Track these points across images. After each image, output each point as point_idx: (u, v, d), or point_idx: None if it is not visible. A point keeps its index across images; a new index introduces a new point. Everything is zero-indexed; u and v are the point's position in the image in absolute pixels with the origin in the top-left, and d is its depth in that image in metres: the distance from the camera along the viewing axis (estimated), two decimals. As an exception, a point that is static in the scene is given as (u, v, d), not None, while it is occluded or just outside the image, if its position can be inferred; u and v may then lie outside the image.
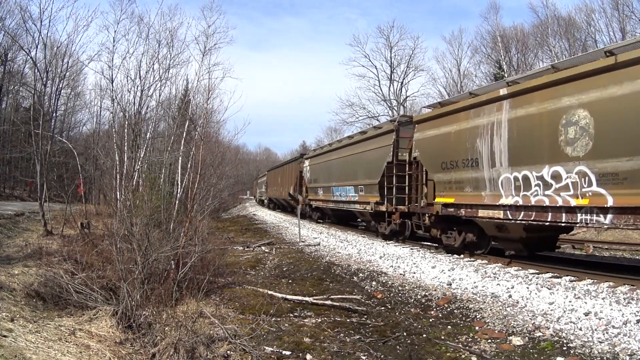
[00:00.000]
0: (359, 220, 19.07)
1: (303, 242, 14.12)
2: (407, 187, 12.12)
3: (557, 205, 7.11)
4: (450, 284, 7.59)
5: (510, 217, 8.08)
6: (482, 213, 8.82)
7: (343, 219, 19.37)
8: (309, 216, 22.80)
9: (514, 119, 7.97)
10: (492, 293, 6.79)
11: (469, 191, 9.17)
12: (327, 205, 19.10)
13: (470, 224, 9.54)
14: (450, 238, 10.20)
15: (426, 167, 10.82)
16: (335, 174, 17.51)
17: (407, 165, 12.06)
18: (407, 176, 12.09)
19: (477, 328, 5.47)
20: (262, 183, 45.10)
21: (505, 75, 28.21)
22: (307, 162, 22.25)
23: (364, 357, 4.66)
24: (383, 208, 12.96)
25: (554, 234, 9.02)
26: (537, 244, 8.86)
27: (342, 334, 5.38)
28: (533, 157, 7.60)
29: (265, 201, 41.09)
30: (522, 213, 7.82)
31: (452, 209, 9.67)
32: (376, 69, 38.80)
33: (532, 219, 7.63)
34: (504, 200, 8.21)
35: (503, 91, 8.28)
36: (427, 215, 10.87)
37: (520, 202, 7.82)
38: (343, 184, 16.51)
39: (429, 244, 11.77)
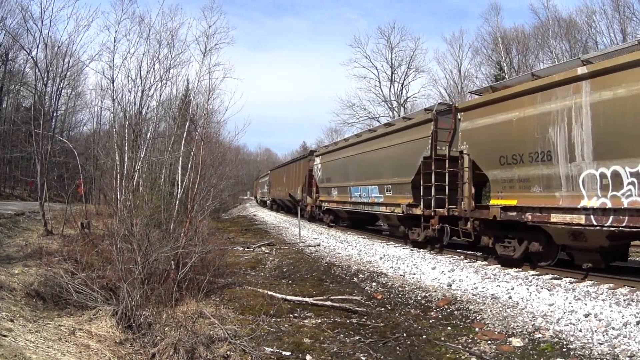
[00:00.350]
0: (377, 223, 18.01)
1: (303, 242, 14.12)
2: (446, 187, 10.46)
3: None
4: (450, 285, 7.59)
5: (596, 223, 6.66)
6: (555, 218, 7.31)
7: (360, 222, 17.83)
8: (319, 219, 20.92)
9: (598, 102, 6.66)
10: (492, 294, 6.79)
11: (537, 191, 7.68)
12: (342, 207, 17.18)
13: (535, 231, 7.96)
14: (509, 248, 8.54)
15: (478, 163, 9.17)
16: (354, 172, 15.60)
17: (446, 161, 10.43)
18: (446, 174, 10.41)
19: (477, 329, 5.47)
20: (264, 183, 42.81)
21: (506, 76, 28.23)
22: (317, 160, 20.16)
23: (363, 358, 4.66)
24: (417, 211, 11.18)
25: (627, 242, 7.77)
26: (612, 253, 7.53)
27: (342, 335, 5.38)
28: (625, 148, 6.29)
29: (268, 202, 39.20)
30: (612, 218, 6.45)
31: (513, 213, 8.07)
32: (377, 69, 38.82)
33: (623, 224, 6.29)
34: (586, 202, 6.81)
35: (581, 70, 6.95)
36: (473, 220, 9.33)
37: (609, 205, 6.45)
38: (364, 184, 14.66)
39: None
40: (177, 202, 11.73)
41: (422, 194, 10.96)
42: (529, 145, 7.77)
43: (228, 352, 4.46)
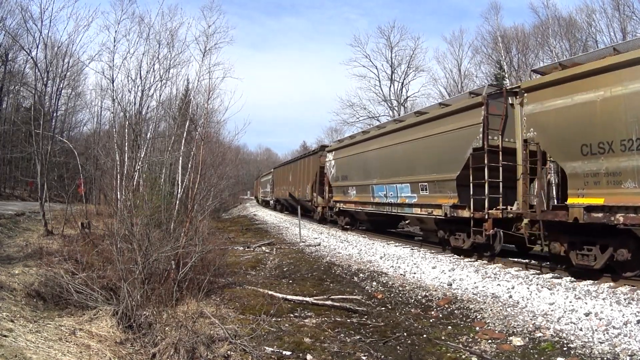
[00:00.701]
0: (400, 225, 16.80)
1: (304, 242, 14.12)
2: (501, 184, 8.96)
3: None
4: (451, 285, 7.59)
5: None
6: None
7: (381, 225, 16.07)
8: (331, 221, 19.15)
9: None
10: (493, 293, 6.78)
11: (630, 187, 6.35)
12: (362, 208, 15.27)
13: (623, 236, 6.71)
14: (588, 257, 7.07)
15: (551, 154, 7.93)
16: (377, 168, 13.68)
17: (499, 152, 8.92)
18: (500, 168, 8.88)
19: (477, 328, 5.47)
20: (267, 182, 40.48)
21: (506, 75, 28.24)
22: (330, 156, 18.24)
23: (364, 358, 4.66)
24: (465, 213, 9.46)
25: None
26: None
27: (342, 334, 5.38)
28: None
29: (271, 202, 36.93)
30: None
31: (599, 214, 6.67)
32: (377, 69, 38.72)
33: None
34: None
35: None
36: (539, 223, 7.70)
37: None
38: (391, 182, 12.75)
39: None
40: (178, 202, 11.74)
41: (472, 192, 9.22)
42: (620, 130, 6.39)
43: (228, 352, 4.45)
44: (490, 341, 5.00)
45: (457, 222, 9.99)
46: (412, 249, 11.50)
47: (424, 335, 5.35)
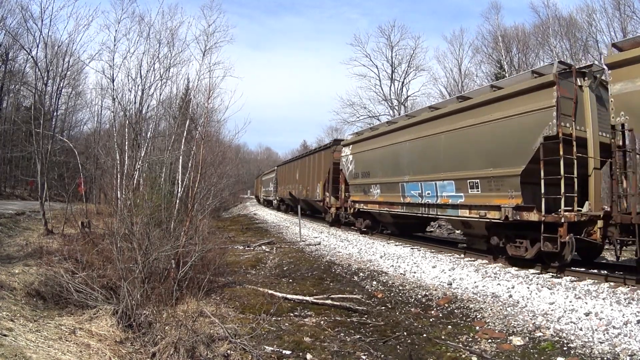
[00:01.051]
0: (428, 230, 15.30)
1: (304, 241, 14.11)
2: (575, 181, 7.50)
3: None
4: (451, 284, 7.59)
5: None
6: None
7: (408, 228, 14.21)
8: (346, 223, 17.41)
9: None
10: (493, 293, 6.78)
11: None
12: (389, 209, 13.21)
13: None
14: None
15: None
16: (409, 163, 11.78)
17: (573, 143, 7.43)
18: (575, 162, 7.44)
19: (477, 328, 5.47)
20: (270, 180, 38.04)
21: (507, 75, 28.19)
22: (347, 150, 16.28)
23: (364, 357, 4.66)
24: (533, 216, 7.85)
25: None
26: None
27: (342, 334, 5.38)
28: None
29: (274, 202, 34.56)
30: None
31: None
32: (377, 68, 38.70)
33: None
34: None
35: None
36: (636, 227, 6.45)
37: None
38: (428, 179, 10.89)
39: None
40: (178, 201, 11.75)
41: (543, 191, 7.64)
42: None
43: (228, 351, 4.46)
44: (490, 341, 5.00)
45: (517, 226, 8.33)
46: (412, 249, 11.49)
47: (424, 335, 5.35)
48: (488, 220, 8.89)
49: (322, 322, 5.84)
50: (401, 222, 13.81)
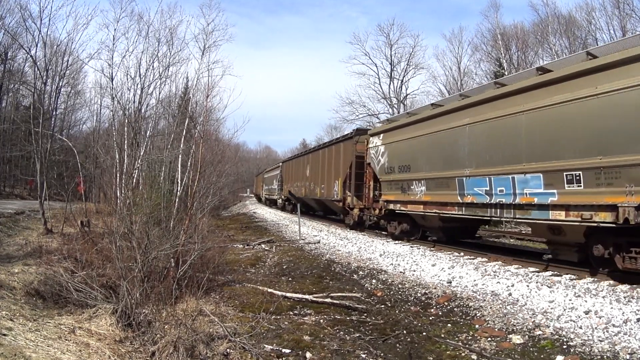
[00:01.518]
0: (477, 235, 13.08)
1: (303, 240, 14.11)
2: None
3: None
4: (451, 282, 7.59)
5: None
6: None
7: (455, 233, 11.74)
8: (370, 226, 15.64)
9: None
10: (492, 291, 6.78)
11: None
12: (439, 211, 10.57)
13: None
14: None
15: None
16: (471, 153, 9.38)
17: None
18: None
19: (477, 326, 5.47)
20: (273, 178, 34.96)
21: (506, 73, 28.16)
22: (376, 141, 13.73)
23: (363, 355, 4.65)
24: None
25: None
26: None
27: (341, 332, 5.38)
28: None
29: (279, 202, 31.67)
30: None
31: None
32: (376, 66, 38.58)
33: None
34: None
35: None
36: None
37: None
38: (502, 171, 8.51)
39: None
40: (177, 200, 11.75)
41: None
42: None
43: (228, 350, 4.45)
44: (489, 339, 5.00)
45: (634, 232, 6.46)
46: (411, 247, 11.49)
47: (424, 333, 5.35)
48: (595, 224, 6.75)
49: (321, 320, 5.84)
50: (452, 226, 11.34)
